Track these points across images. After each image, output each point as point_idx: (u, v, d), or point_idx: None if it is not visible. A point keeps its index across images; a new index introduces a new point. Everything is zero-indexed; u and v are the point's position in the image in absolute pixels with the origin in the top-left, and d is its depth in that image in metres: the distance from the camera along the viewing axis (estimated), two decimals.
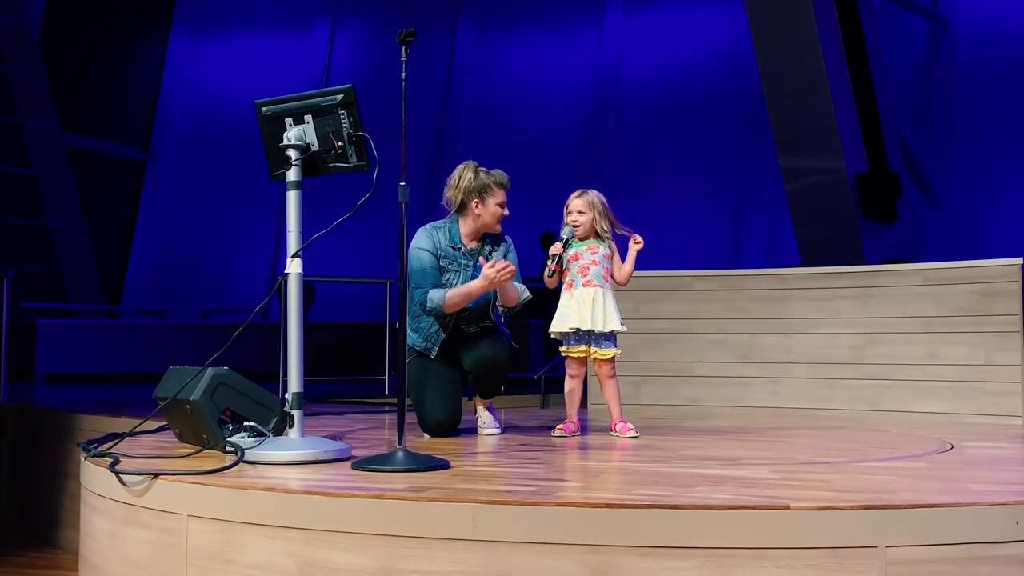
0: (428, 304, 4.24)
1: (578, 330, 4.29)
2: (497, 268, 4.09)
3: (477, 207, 4.33)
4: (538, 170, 14.53)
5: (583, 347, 4.32)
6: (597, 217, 4.35)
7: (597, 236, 4.38)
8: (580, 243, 4.37)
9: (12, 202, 14.58)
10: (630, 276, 4.43)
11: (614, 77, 15.84)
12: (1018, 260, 5.48)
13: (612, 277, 4.40)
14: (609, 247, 4.39)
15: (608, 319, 4.27)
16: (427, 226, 4.40)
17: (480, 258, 4.33)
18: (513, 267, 4.16)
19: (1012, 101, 13.35)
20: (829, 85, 9.93)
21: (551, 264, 4.32)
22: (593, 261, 4.32)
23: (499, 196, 4.33)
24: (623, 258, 4.41)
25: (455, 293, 4.23)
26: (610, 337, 4.32)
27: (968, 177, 13.59)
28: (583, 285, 4.30)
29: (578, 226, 4.35)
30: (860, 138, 10.53)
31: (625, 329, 4.34)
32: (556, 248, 4.33)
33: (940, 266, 5.81)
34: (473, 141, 15.87)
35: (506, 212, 4.35)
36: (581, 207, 4.36)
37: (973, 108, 13.79)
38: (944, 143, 13.86)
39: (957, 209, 13.53)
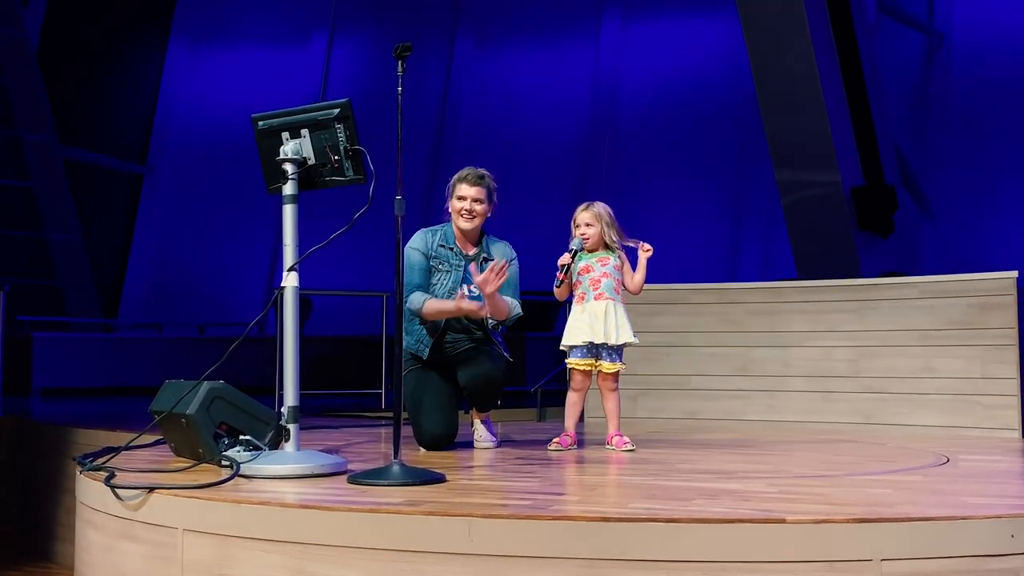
0: (408, 304, 4.21)
1: (590, 343, 4.29)
2: (465, 295, 4.14)
3: (449, 207, 4.35)
4: (535, 183, 14.56)
5: (590, 360, 4.32)
6: (605, 228, 4.35)
7: (606, 247, 4.38)
8: (590, 255, 4.36)
9: (9, 215, 14.56)
10: (642, 285, 4.40)
11: (611, 90, 15.88)
12: (1013, 273, 5.49)
13: (624, 288, 4.40)
14: (619, 258, 4.38)
15: (621, 332, 4.27)
16: (424, 228, 4.43)
17: (472, 264, 4.28)
18: (496, 285, 4.04)
19: (1007, 114, 13.39)
20: (825, 98, 9.95)
21: (559, 275, 4.32)
22: (604, 273, 4.32)
23: (459, 190, 4.31)
24: (633, 268, 4.41)
25: (433, 304, 4.21)
26: (618, 351, 4.32)
27: (964, 190, 13.61)
28: (595, 298, 4.29)
29: (587, 238, 4.34)
30: (856, 151, 10.55)
31: (637, 341, 4.33)
32: (564, 259, 4.32)
33: (936, 279, 5.82)
34: (470, 154, 15.84)
35: (467, 206, 4.27)
36: (589, 219, 4.36)
37: (969, 121, 13.83)
38: (940, 156, 13.89)
39: (953, 222, 13.55)
